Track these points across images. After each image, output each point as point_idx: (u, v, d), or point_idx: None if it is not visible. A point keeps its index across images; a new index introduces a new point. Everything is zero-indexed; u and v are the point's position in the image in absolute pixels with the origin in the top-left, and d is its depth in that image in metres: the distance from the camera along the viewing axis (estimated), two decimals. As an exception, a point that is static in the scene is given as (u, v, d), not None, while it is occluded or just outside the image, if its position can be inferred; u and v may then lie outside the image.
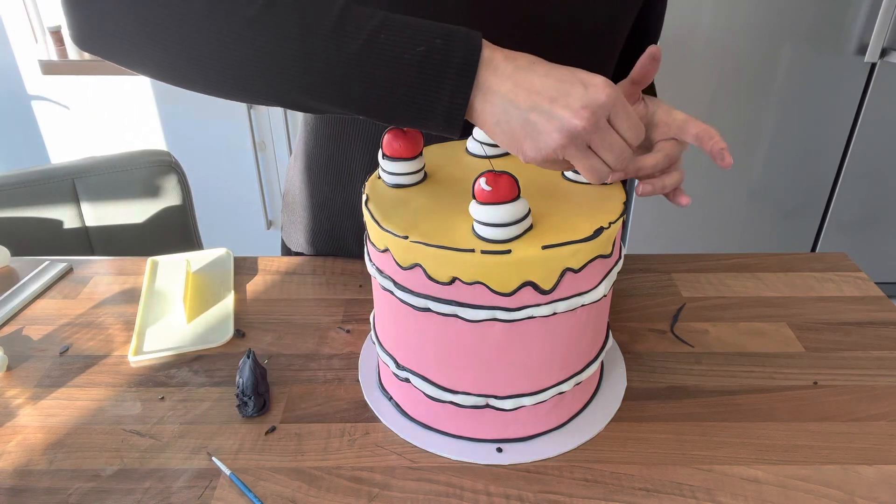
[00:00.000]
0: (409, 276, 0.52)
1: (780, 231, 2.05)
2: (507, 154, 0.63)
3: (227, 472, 0.56)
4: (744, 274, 0.82)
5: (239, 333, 0.73)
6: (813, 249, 2.09)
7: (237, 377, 0.62)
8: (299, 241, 0.90)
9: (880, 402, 0.63)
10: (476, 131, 0.63)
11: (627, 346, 0.70)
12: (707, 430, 0.60)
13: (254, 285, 0.81)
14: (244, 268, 0.85)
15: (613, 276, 0.56)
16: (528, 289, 0.50)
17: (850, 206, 2.00)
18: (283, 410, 0.62)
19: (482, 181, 0.48)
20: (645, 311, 0.76)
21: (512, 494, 0.54)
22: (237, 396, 0.62)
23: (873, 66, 1.79)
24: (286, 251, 0.94)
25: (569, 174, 0.58)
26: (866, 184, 1.96)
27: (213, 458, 0.57)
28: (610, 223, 0.52)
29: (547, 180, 0.59)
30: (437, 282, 0.51)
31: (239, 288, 0.81)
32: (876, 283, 0.80)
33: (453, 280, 0.50)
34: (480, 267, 0.49)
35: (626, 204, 0.55)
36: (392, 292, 0.54)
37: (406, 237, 0.50)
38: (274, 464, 0.57)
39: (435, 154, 0.63)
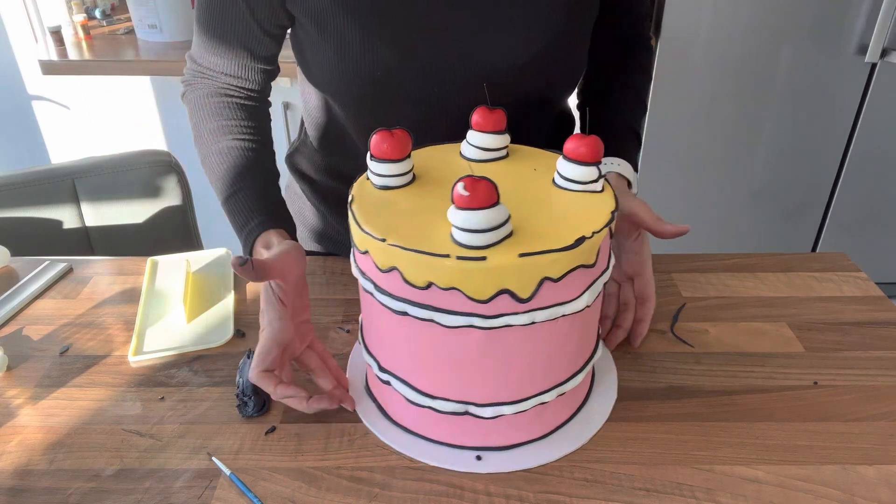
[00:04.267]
0: (387, 279, 0.51)
1: (780, 231, 2.05)
2: (500, 159, 0.61)
3: (227, 472, 0.56)
4: (744, 274, 0.82)
5: (239, 333, 0.73)
6: (813, 249, 2.09)
7: (237, 377, 0.62)
8: (301, 241, 0.90)
9: (880, 402, 0.63)
10: (470, 134, 0.61)
11: (627, 346, 0.70)
12: (707, 430, 0.60)
13: (254, 285, 0.81)
14: (244, 268, 0.84)
15: (598, 286, 0.54)
16: (505, 296, 0.49)
17: (850, 206, 2.00)
18: (283, 410, 0.62)
19: (460, 186, 0.47)
20: (645, 311, 0.76)
21: (512, 494, 0.54)
22: (237, 396, 0.62)
23: (873, 66, 1.79)
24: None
25: (558, 181, 0.56)
26: (866, 184, 1.96)
27: (213, 458, 0.57)
28: (593, 233, 0.50)
29: (536, 187, 0.57)
30: (414, 286, 0.50)
31: (239, 288, 0.81)
32: (876, 283, 0.80)
33: (429, 285, 0.49)
34: (456, 273, 0.48)
35: (615, 214, 0.54)
36: (372, 294, 0.54)
37: (384, 240, 0.50)
38: (274, 464, 0.57)
39: (428, 156, 0.62)
